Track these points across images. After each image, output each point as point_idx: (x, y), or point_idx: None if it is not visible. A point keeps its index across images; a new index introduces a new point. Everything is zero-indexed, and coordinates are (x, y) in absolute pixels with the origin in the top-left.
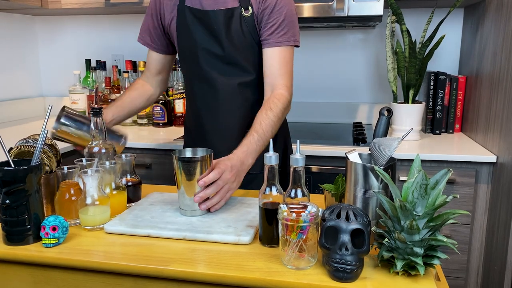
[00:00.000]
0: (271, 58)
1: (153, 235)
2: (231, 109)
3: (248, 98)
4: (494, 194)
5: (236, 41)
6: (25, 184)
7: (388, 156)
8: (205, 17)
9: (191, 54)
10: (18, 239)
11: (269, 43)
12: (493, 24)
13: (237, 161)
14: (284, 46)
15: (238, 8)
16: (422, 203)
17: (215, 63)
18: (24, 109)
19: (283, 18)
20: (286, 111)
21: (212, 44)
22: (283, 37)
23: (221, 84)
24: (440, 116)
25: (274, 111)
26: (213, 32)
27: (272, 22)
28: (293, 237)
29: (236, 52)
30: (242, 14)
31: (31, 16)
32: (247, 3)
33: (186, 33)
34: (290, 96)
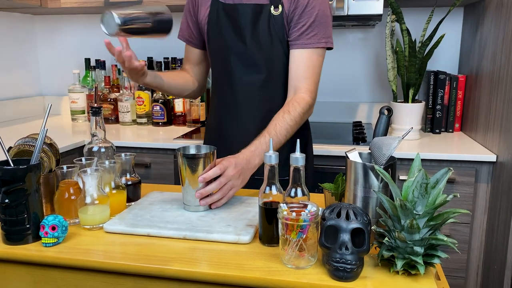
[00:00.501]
0: (298, 60)
1: (153, 234)
2: (250, 109)
3: (269, 98)
4: (494, 193)
5: (260, 39)
6: (25, 183)
7: (388, 155)
8: (234, 11)
9: (217, 51)
10: (17, 239)
11: (297, 44)
12: (493, 23)
13: (243, 159)
14: (313, 48)
15: (268, 5)
16: (422, 202)
17: (237, 60)
18: (24, 108)
19: (313, 19)
20: (305, 116)
21: (236, 41)
22: (312, 38)
23: (241, 83)
24: (440, 115)
25: (291, 115)
26: (238, 28)
27: (302, 22)
28: (293, 236)
29: (259, 50)
30: (271, 12)
31: (31, 15)
32: (278, 1)
33: (215, 28)
34: (312, 100)
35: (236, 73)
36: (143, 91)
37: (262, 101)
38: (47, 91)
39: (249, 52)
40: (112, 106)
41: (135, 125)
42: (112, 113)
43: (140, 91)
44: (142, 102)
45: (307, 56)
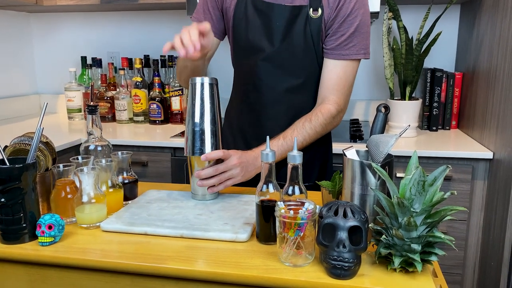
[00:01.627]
0: (332, 71)
1: (150, 233)
2: (275, 114)
3: (295, 104)
4: (491, 190)
5: (294, 42)
6: (21, 182)
7: (386, 153)
8: (269, 10)
9: (243, 49)
10: (13, 238)
11: (333, 54)
12: (489, 20)
13: (251, 155)
14: (349, 60)
15: (307, 7)
16: (419, 199)
17: (265, 62)
18: (19, 107)
19: (354, 29)
20: (328, 127)
21: (266, 42)
22: (350, 49)
23: (267, 87)
24: (437, 112)
25: (312, 123)
26: (271, 29)
27: (341, 32)
28: (291, 234)
29: (291, 53)
30: (309, 15)
31: (26, 13)
32: (318, 4)
33: (243, 24)
34: (336, 112)
35: (263, 76)
36: (140, 89)
37: (288, 107)
38: (43, 89)
39: (279, 55)
40: (108, 104)
41: (132, 123)
42: (108, 111)
43: (136, 89)
44: (138, 100)
45: (342, 68)
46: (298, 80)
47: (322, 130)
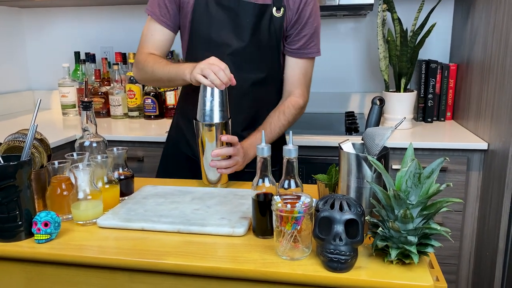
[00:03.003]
0: (295, 68)
1: (147, 228)
2: (241, 107)
3: (259, 97)
4: (486, 181)
5: (261, 38)
6: (15, 180)
7: (381, 145)
8: (236, 7)
9: (204, 43)
10: (9, 236)
11: (298, 53)
12: (483, 11)
13: (245, 144)
14: (310, 58)
15: (271, 6)
16: (415, 192)
17: (233, 57)
18: (13, 103)
19: (313, 30)
20: (297, 117)
21: (233, 37)
22: (311, 48)
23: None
24: (432, 104)
25: (286, 116)
26: (240, 25)
27: (303, 33)
28: (288, 228)
29: (257, 49)
30: (273, 13)
31: (18, 8)
32: (280, 4)
33: (204, 19)
34: (304, 104)
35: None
36: (134, 84)
37: (254, 99)
38: (36, 85)
39: (247, 50)
40: (103, 100)
41: (127, 118)
42: (103, 106)
43: (131, 84)
44: (133, 95)
45: (304, 65)
46: (262, 74)
47: (293, 120)
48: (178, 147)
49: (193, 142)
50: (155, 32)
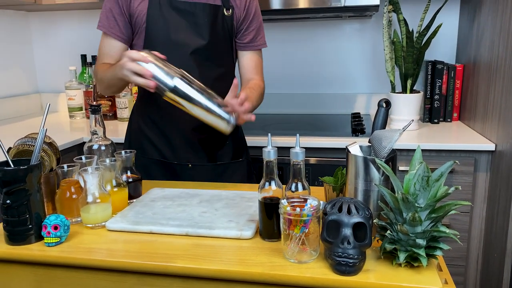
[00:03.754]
0: (251, 59)
1: (155, 231)
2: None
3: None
4: (493, 183)
5: (218, 36)
6: (26, 183)
7: (389, 148)
8: (192, 9)
9: (163, 47)
10: (20, 239)
11: (249, 46)
12: (490, 12)
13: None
14: (260, 49)
15: (221, 6)
16: (424, 195)
17: (195, 55)
18: (20, 106)
19: (259, 24)
20: (262, 96)
21: (192, 37)
22: (259, 41)
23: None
24: (438, 105)
25: (256, 91)
26: (199, 25)
27: (252, 28)
28: (296, 231)
29: (216, 46)
30: (224, 13)
31: (25, 12)
32: (228, 4)
33: (160, 24)
34: (264, 87)
35: (195, 68)
36: None
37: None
38: (43, 88)
39: (208, 48)
40: (109, 102)
41: None
42: (110, 109)
43: (137, 87)
44: None
45: (256, 56)
46: (221, 70)
47: (260, 100)
48: (145, 153)
49: (158, 143)
50: (108, 45)
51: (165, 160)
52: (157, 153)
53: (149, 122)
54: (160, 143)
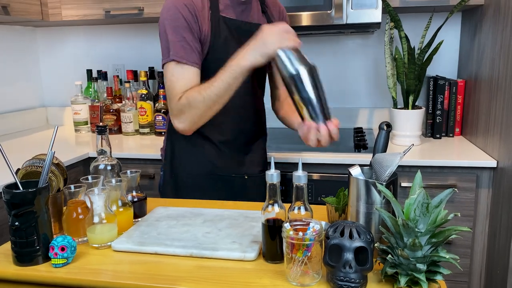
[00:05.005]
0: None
1: (160, 252)
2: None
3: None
4: (495, 199)
5: None
6: (34, 206)
7: (390, 172)
8: (250, 28)
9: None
10: (27, 260)
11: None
12: (490, 30)
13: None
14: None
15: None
16: (424, 220)
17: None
18: (26, 120)
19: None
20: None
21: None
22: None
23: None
24: (440, 120)
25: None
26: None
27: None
28: (299, 255)
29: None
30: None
31: (32, 27)
32: (270, 20)
33: (222, 43)
34: None
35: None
36: (145, 101)
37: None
38: (49, 102)
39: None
40: (114, 117)
41: (138, 135)
42: (114, 123)
43: (142, 102)
44: (144, 112)
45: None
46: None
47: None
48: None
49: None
50: (188, 74)
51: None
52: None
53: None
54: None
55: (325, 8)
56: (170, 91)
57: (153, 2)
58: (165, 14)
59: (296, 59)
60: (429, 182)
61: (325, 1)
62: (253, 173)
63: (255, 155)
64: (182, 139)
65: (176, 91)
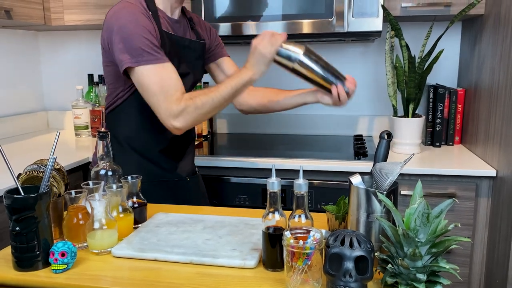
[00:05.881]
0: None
1: (160, 259)
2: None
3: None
4: (495, 208)
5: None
6: (35, 211)
7: (391, 181)
8: (187, 43)
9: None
10: (27, 265)
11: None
12: (490, 39)
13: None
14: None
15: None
16: (424, 230)
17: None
18: (27, 124)
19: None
20: None
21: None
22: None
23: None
24: (440, 128)
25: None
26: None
27: (218, 39)
28: (299, 264)
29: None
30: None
31: (34, 32)
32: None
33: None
34: None
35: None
36: None
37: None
38: (50, 106)
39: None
40: None
41: None
42: None
43: None
44: None
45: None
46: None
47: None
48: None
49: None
50: (171, 72)
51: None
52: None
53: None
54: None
55: (326, 16)
56: (163, 92)
57: None
58: (124, 19)
59: (290, 51)
60: (429, 191)
61: (327, 9)
62: (193, 175)
63: (190, 156)
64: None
65: (171, 91)
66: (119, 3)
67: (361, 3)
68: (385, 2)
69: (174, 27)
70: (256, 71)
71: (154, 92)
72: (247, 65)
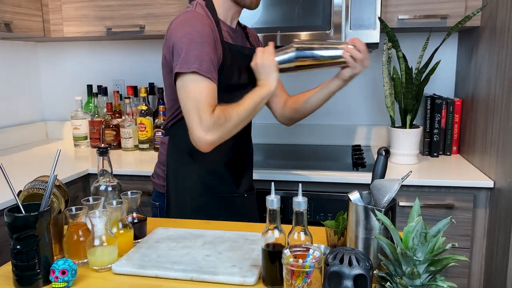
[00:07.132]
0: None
1: (160, 276)
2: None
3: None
4: (492, 219)
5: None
6: (35, 229)
7: (389, 198)
8: (246, 52)
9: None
10: (28, 283)
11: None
12: (487, 50)
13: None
14: None
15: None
16: (422, 249)
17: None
18: (26, 134)
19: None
20: None
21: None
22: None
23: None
24: (438, 139)
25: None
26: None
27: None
28: (299, 282)
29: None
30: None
31: (34, 43)
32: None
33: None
34: None
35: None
36: (145, 117)
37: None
38: (49, 117)
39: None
40: (114, 132)
41: (137, 150)
42: (114, 139)
43: (142, 117)
44: (144, 128)
45: None
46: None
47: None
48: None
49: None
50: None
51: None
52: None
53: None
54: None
55: (324, 28)
56: (198, 102)
57: (154, 20)
58: (190, 28)
59: (285, 54)
60: (427, 202)
61: (324, 21)
62: (251, 191)
63: (250, 171)
64: (183, 160)
65: (206, 103)
66: (186, 12)
67: (358, 15)
68: (382, 14)
69: (233, 36)
70: (270, 82)
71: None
72: (260, 83)
